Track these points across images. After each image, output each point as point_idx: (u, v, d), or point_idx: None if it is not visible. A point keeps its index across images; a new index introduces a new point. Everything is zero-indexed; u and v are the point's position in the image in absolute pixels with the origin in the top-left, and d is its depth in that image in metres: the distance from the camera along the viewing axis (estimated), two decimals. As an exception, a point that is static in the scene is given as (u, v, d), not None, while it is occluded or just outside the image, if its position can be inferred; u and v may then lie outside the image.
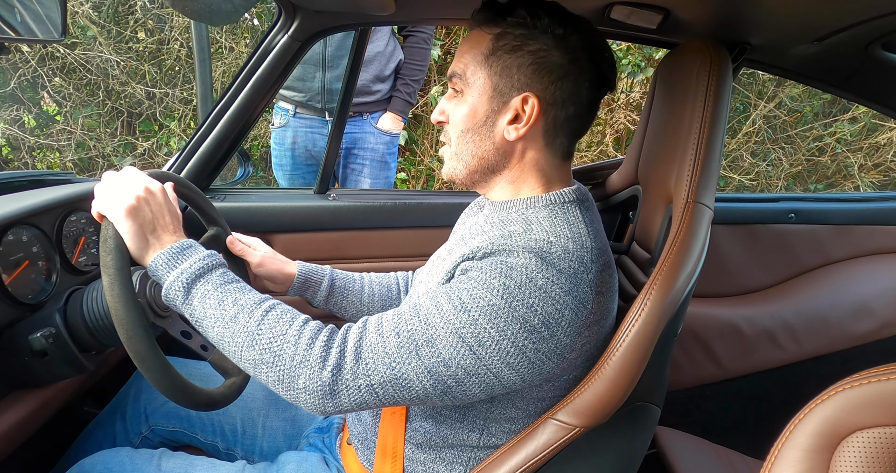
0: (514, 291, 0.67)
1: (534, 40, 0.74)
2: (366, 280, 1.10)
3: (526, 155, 0.79)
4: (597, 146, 3.52)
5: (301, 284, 1.03)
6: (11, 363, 0.85)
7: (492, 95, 0.77)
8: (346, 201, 1.41)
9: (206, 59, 2.53)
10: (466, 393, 0.70)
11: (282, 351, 0.69)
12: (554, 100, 0.75)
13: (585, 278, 0.70)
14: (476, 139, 0.79)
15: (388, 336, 0.69)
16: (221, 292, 0.72)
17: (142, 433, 1.06)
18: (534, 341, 0.68)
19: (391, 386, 0.69)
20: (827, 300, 1.47)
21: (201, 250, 0.76)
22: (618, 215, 1.30)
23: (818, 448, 0.50)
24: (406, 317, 0.70)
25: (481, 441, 0.80)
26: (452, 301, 0.69)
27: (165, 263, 0.73)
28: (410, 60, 2.08)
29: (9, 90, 2.95)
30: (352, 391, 0.68)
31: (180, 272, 0.72)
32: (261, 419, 1.07)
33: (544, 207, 0.77)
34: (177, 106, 3.17)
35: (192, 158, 1.29)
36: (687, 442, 1.31)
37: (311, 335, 0.70)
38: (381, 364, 0.68)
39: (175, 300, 0.73)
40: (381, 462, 0.85)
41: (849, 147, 3.57)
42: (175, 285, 0.72)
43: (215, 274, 0.74)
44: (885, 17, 0.78)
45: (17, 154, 3.15)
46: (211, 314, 0.71)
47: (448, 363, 0.67)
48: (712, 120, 0.81)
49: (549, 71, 0.74)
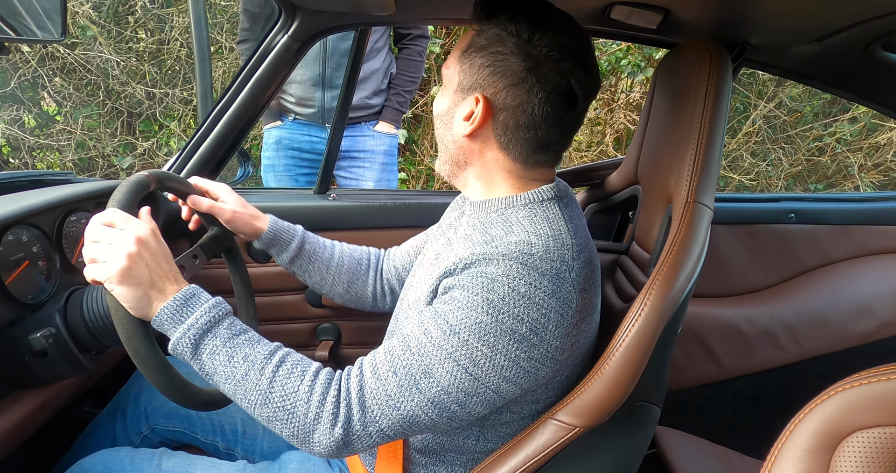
0: (498, 304, 0.67)
1: (500, 43, 0.73)
2: (336, 250, 1.09)
3: (485, 154, 0.80)
4: (597, 146, 3.52)
5: (269, 240, 1.03)
6: (11, 363, 0.85)
7: (456, 90, 0.79)
8: (346, 201, 1.41)
9: (206, 59, 2.53)
10: (471, 414, 0.71)
11: (295, 409, 0.70)
12: (504, 105, 0.75)
13: (568, 276, 0.71)
14: (443, 128, 0.82)
15: (387, 378, 0.70)
16: (230, 347, 0.71)
17: (142, 432, 1.06)
18: (525, 349, 0.68)
19: (399, 425, 0.70)
20: (827, 300, 1.47)
21: (205, 299, 0.74)
22: (617, 215, 1.30)
23: (818, 448, 0.50)
24: (398, 353, 0.71)
25: (478, 446, 0.81)
26: (440, 326, 0.69)
27: (170, 317, 0.71)
28: (403, 72, 2.09)
29: (9, 90, 2.95)
30: (363, 438, 0.70)
31: (187, 328, 0.71)
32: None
33: (523, 206, 0.78)
34: (177, 106, 3.17)
35: (192, 158, 1.29)
36: (687, 442, 1.31)
37: (321, 390, 0.70)
38: (385, 408, 0.69)
39: (183, 354, 0.72)
40: (383, 464, 0.86)
41: (849, 147, 3.57)
42: (182, 342, 0.71)
43: (222, 327, 0.72)
44: (885, 17, 0.78)
45: (17, 154, 3.15)
46: (221, 370, 0.71)
47: (448, 390, 0.68)
48: (712, 120, 0.81)
49: (503, 75, 0.73)
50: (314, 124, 2.08)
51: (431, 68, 3.25)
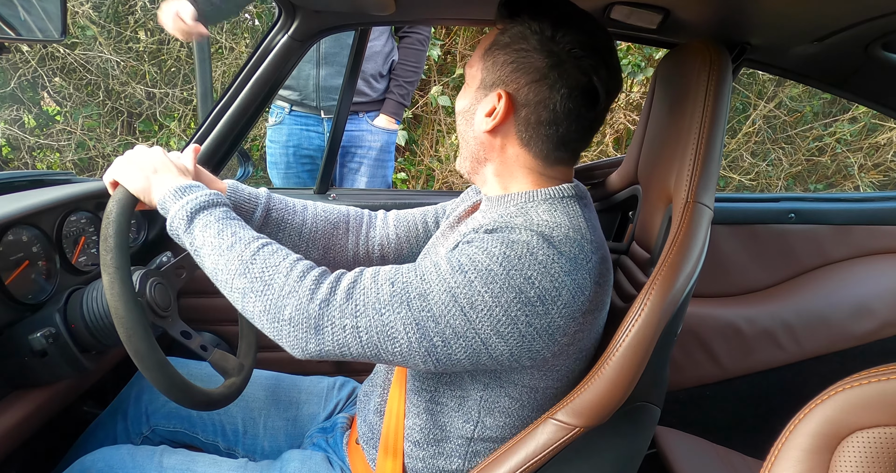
0: (514, 261, 0.67)
1: (523, 40, 0.75)
2: (309, 213, 1.01)
3: (506, 150, 0.80)
4: (597, 146, 3.52)
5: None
6: (11, 363, 0.85)
7: (479, 87, 0.80)
8: (345, 202, 1.41)
9: (206, 59, 2.52)
10: (451, 357, 0.69)
11: (272, 281, 0.70)
12: (526, 101, 0.76)
13: (585, 265, 0.71)
14: (464, 125, 0.83)
15: (383, 284, 0.70)
16: (222, 224, 0.75)
17: (143, 433, 1.06)
18: (527, 313, 0.68)
19: (376, 333, 0.68)
20: (827, 300, 1.47)
21: (207, 189, 0.80)
22: (617, 215, 1.30)
23: (818, 448, 0.50)
24: (404, 270, 0.71)
25: (476, 433, 0.80)
26: (451, 263, 0.69)
27: (172, 194, 0.78)
28: (405, 61, 2.06)
29: (9, 90, 2.95)
30: (336, 329, 0.68)
31: (185, 203, 0.76)
32: (262, 418, 1.07)
33: (543, 200, 0.78)
34: (177, 106, 3.17)
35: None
36: (687, 442, 1.31)
37: (303, 268, 0.71)
38: (370, 308, 0.68)
39: (178, 229, 0.76)
40: (383, 460, 0.86)
41: (849, 147, 3.57)
42: (179, 214, 0.76)
43: (219, 209, 0.77)
44: (885, 17, 0.78)
45: (17, 154, 3.15)
46: (209, 242, 0.74)
47: (437, 319, 0.67)
48: (712, 120, 0.81)
49: (525, 72, 0.75)
50: (311, 116, 2.06)
51: (431, 69, 3.25)
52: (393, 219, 1.08)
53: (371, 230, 1.07)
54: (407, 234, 1.06)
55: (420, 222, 1.07)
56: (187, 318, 0.95)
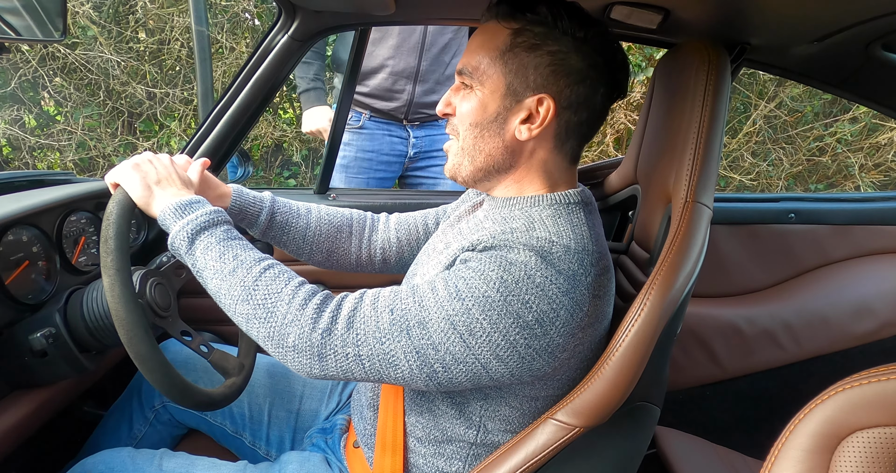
0: (511, 285, 0.67)
1: (553, 41, 0.73)
2: (313, 216, 1.03)
3: (535, 156, 0.79)
4: (597, 146, 3.52)
5: (235, 215, 0.98)
6: (11, 363, 0.85)
7: (504, 93, 0.76)
8: (346, 202, 1.41)
9: (206, 59, 2.53)
10: (453, 381, 0.70)
11: (275, 308, 0.70)
12: (569, 104, 0.75)
13: (584, 280, 0.70)
14: (486, 135, 0.78)
15: (383, 312, 0.69)
16: (223, 246, 0.74)
17: (154, 406, 1.08)
18: (526, 337, 0.68)
19: (378, 361, 0.69)
20: (827, 300, 1.47)
21: (209, 206, 0.78)
22: (617, 215, 1.30)
23: (818, 448, 0.50)
24: (402, 296, 0.71)
25: (478, 438, 0.80)
26: (448, 288, 0.69)
27: (173, 212, 0.76)
28: None
29: (9, 90, 2.95)
30: (339, 357, 0.69)
31: (186, 223, 0.75)
32: (266, 406, 1.08)
33: (548, 206, 0.77)
34: (177, 106, 3.17)
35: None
36: (687, 442, 1.31)
37: (305, 295, 0.71)
38: (371, 337, 0.68)
39: (179, 249, 0.76)
40: (381, 457, 0.85)
41: (849, 147, 3.57)
42: (180, 236, 0.75)
43: (220, 229, 0.76)
44: (885, 17, 0.78)
45: (18, 154, 3.15)
46: (211, 265, 0.73)
47: (437, 347, 0.68)
48: (711, 119, 0.81)
49: (566, 74, 0.74)
50: (393, 123, 2.00)
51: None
52: (394, 222, 1.08)
53: (373, 234, 1.07)
54: (408, 237, 1.07)
55: (420, 224, 1.07)
56: (187, 318, 0.95)
